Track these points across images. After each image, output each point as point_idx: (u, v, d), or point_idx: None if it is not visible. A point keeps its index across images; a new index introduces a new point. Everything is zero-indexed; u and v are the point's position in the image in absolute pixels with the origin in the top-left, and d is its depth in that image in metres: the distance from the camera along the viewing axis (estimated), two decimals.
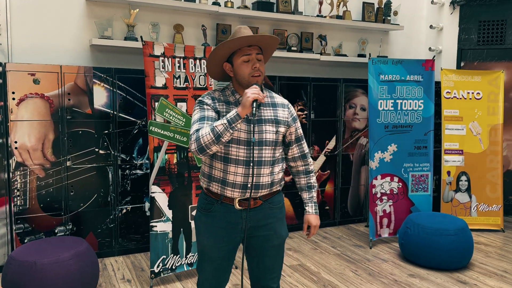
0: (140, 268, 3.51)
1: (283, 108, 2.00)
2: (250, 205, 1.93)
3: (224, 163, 1.90)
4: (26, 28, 3.67)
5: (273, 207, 1.99)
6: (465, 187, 4.57)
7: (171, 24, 4.17)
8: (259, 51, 1.93)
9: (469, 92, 4.58)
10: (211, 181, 1.95)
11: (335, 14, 4.84)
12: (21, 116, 3.35)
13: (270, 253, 2.00)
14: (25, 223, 3.43)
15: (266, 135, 1.91)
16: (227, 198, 1.93)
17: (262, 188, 1.92)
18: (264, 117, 1.93)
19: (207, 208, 1.97)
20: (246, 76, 1.90)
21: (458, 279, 3.34)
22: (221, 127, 1.76)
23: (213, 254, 1.97)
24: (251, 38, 1.87)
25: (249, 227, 1.95)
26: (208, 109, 1.91)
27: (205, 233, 1.97)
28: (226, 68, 1.97)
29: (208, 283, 2.03)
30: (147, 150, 3.78)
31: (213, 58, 1.94)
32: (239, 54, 1.90)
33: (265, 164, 1.91)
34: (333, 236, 4.38)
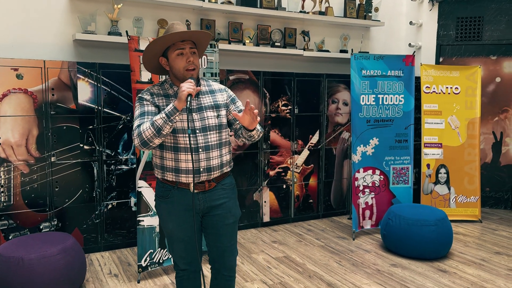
0: (127, 263, 3.52)
1: (221, 92, 2.15)
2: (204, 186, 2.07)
3: (174, 152, 2.02)
4: (8, 22, 3.62)
5: (226, 188, 2.14)
6: (444, 180, 4.70)
7: (155, 19, 4.17)
8: (193, 45, 2.05)
9: (448, 87, 4.71)
10: (165, 171, 2.06)
11: (318, 10, 4.90)
12: (4, 111, 3.31)
13: (226, 231, 2.13)
14: (10, 219, 3.40)
15: (209, 120, 2.05)
16: (182, 184, 2.05)
17: (213, 171, 2.06)
18: (204, 104, 2.07)
19: (164, 195, 2.09)
20: (181, 69, 2.02)
21: (438, 268, 3.45)
22: (160, 120, 1.87)
23: (180, 235, 2.10)
24: (183, 34, 1.98)
25: (206, 208, 2.10)
26: (147, 104, 2.02)
27: (167, 218, 2.10)
28: (162, 63, 2.08)
29: (183, 259, 2.16)
30: (132, 145, 3.78)
31: (148, 53, 2.04)
32: (173, 48, 2.01)
33: (213, 148, 2.04)
34: (317, 229, 4.46)
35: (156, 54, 2.07)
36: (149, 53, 2.05)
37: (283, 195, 4.59)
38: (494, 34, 5.09)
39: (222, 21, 4.50)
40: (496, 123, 5.20)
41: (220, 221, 2.12)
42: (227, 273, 2.19)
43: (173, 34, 1.96)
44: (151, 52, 2.04)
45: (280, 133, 4.50)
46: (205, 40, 2.11)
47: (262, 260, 3.60)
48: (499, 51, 5.10)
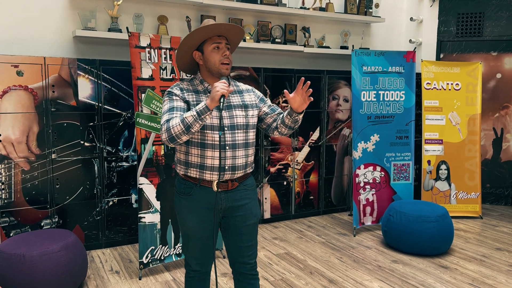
0: (128, 260, 3.52)
1: (249, 93, 2.16)
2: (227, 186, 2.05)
3: (201, 148, 2.00)
4: (8, 19, 3.61)
5: (248, 189, 2.13)
6: (444, 176, 4.70)
7: (155, 15, 4.15)
8: (227, 41, 2.07)
9: (449, 83, 4.70)
10: (189, 167, 2.04)
11: (318, 6, 4.89)
12: (4, 108, 3.31)
13: (247, 231, 2.12)
14: (11, 216, 3.40)
15: (237, 119, 2.05)
16: (205, 181, 2.04)
17: (238, 170, 2.04)
18: (233, 103, 2.07)
19: (186, 192, 2.07)
20: (216, 63, 2.02)
21: (439, 264, 3.46)
22: (191, 118, 1.86)
23: (198, 233, 2.08)
24: (222, 26, 1.99)
25: (227, 208, 2.08)
26: (177, 100, 2.01)
27: (187, 215, 2.07)
28: (196, 57, 2.06)
29: (196, 260, 2.14)
30: (133, 142, 3.78)
31: (184, 46, 2.03)
32: (210, 42, 2.02)
33: (239, 146, 2.03)
34: (317, 225, 4.46)
35: (191, 48, 2.05)
36: (184, 46, 2.03)
37: (283, 191, 4.59)
38: (495, 30, 5.08)
39: (222, 17, 4.49)
40: (496, 119, 5.20)
41: (242, 221, 2.11)
42: (249, 272, 2.17)
43: (214, 25, 1.96)
44: (187, 44, 2.02)
45: None
46: (239, 37, 2.11)
47: (263, 256, 3.61)
48: (500, 47, 5.09)
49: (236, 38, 2.12)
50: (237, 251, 2.14)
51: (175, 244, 3.34)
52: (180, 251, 3.37)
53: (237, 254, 2.14)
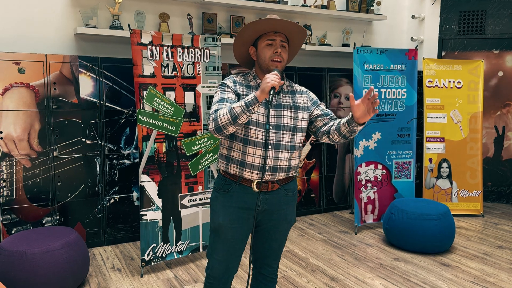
0: (130, 257, 3.52)
1: (302, 94, 2.07)
2: (267, 187, 1.96)
3: (243, 144, 1.94)
4: (10, 16, 3.60)
5: (289, 194, 2.04)
6: (446, 174, 4.70)
7: (156, 13, 4.15)
8: (285, 39, 1.98)
9: (450, 81, 4.69)
10: (230, 163, 1.98)
11: (320, 3, 4.88)
12: (6, 106, 3.30)
13: (278, 237, 2.08)
14: (12, 214, 3.40)
15: (284, 119, 1.96)
16: (245, 180, 1.96)
17: (279, 172, 1.96)
18: (283, 103, 1.99)
19: (225, 188, 2.00)
20: (266, 59, 1.95)
21: (441, 262, 3.46)
22: (239, 109, 1.79)
23: (228, 234, 2.00)
24: (276, 22, 1.91)
25: (264, 210, 2.00)
26: (228, 92, 1.96)
27: (221, 212, 2.00)
28: (251, 52, 2.03)
29: (219, 265, 2.05)
30: (134, 140, 3.77)
31: (238, 39, 2.00)
32: (264, 38, 1.96)
33: (283, 148, 1.95)
34: (319, 223, 4.46)
35: (247, 42, 2.02)
36: (239, 39, 2.00)
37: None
38: (497, 28, 5.07)
39: (224, 15, 4.48)
40: (498, 117, 5.19)
41: (274, 226, 2.05)
42: (269, 275, 2.14)
43: (267, 20, 1.90)
44: (242, 37, 1.99)
45: None
46: (299, 36, 2.01)
47: None
48: (502, 45, 5.08)
49: (297, 37, 2.02)
50: (263, 252, 2.10)
51: (176, 241, 3.34)
52: (181, 249, 3.37)
53: (263, 255, 2.10)
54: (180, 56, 3.28)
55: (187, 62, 3.32)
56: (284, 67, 2.01)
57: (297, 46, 2.08)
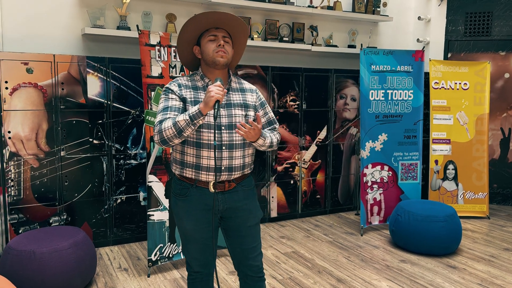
0: (136, 257, 3.53)
1: (251, 93, 2.08)
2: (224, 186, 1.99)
3: (196, 148, 1.94)
4: (18, 16, 3.62)
5: (246, 189, 2.05)
6: (452, 176, 4.69)
7: (163, 13, 4.15)
8: (227, 35, 1.99)
9: (457, 82, 4.68)
10: (184, 167, 1.98)
11: (326, 4, 4.87)
12: (14, 105, 3.32)
13: (249, 233, 2.06)
14: (20, 213, 3.42)
15: (235, 118, 1.97)
16: (201, 182, 1.97)
17: (234, 171, 1.97)
18: (233, 101, 1.99)
19: (182, 193, 2.01)
20: (210, 52, 1.94)
21: (448, 264, 3.45)
22: (183, 122, 1.81)
23: (197, 235, 2.02)
24: (214, 15, 1.90)
25: (226, 209, 2.01)
26: (173, 99, 1.94)
27: (184, 217, 2.01)
28: (196, 51, 2.01)
29: (197, 261, 2.08)
30: (141, 140, 3.78)
31: (181, 39, 1.99)
32: (206, 34, 1.97)
33: (236, 147, 1.96)
34: (324, 224, 4.45)
35: (190, 42, 2.01)
36: (182, 39, 1.99)
37: (290, 190, 4.58)
38: (503, 29, 5.06)
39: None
40: (504, 119, 5.18)
41: (242, 223, 2.05)
42: (255, 275, 2.11)
43: (203, 13, 1.90)
44: (183, 38, 1.98)
45: (288, 129, 4.49)
46: (241, 30, 2.00)
47: (271, 255, 3.61)
48: (508, 47, 5.07)
49: (239, 32, 2.01)
50: (241, 253, 2.08)
51: None
52: None
53: (242, 256, 2.09)
54: None
55: None
56: (232, 64, 2.04)
57: (242, 45, 2.08)
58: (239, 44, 2.08)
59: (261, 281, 2.15)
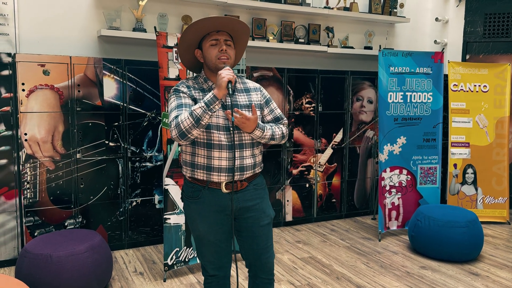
0: (152, 261, 3.49)
1: (256, 92, 2.08)
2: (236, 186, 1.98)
3: (207, 149, 1.93)
4: (34, 18, 3.61)
5: (258, 188, 2.05)
6: (471, 180, 4.59)
7: (179, 15, 4.12)
8: (229, 37, 1.98)
9: (476, 84, 4.59)
10: (195, 169, 1.97)
11: (342, 6, 4.81)
12: (30, 107, 3.30)
13: (261, 232, 2.05)
14: (35, 216, 3.40)
15: None
16: (213, 183, 1.96)
17: (246, 170, 1.97)
18: (239, 103, 1.99)
19: (194, 195, 2.00)
20: (213, 59, 1.94)
21: (469, 271, 3.36)
22: (200, 110, 1.80)
23: (211, 237, 2.01)
24: (217, 20, 1.90)
25: (239, 209, 2.00)
26: (184, 97, 1.94)
27: (197, 219, 2.00)
28: (198, 55, 2.01)
29: (212, 264, 2.07)
30: (156, 143, 3.75)
31: (182, 43, 1.98)
32: (208, 38, 1.95)
33: (246, 146, 1.97)
34: (340, 229, 4.38)
35: (191, 46, 2.00)
36: (183, 44, 1.98)
37: (306, 194, 4.52)
38: None
39: (246, 17, 4.44)
40: None
41: (255, 223, 2.03)
42: (265, 276, 2.10)
43: (204, 19, 1.88)
44: (185, 42, 1.97)
45: (304, 131, 4.43)
46: (243, 32, 2.01)
47: (288, 260, 3.55)
48: None
49: (240, 34, 2.01)
50: (253, 254, 2.07)
51: None
52: None
53: (254, 257, 2.07)
54: None
55: None
56: (233, 65, 2.01)
57: (243, 43, 2.08)
58: (241, 44, 2.07)
59: (270, 283, 2.13)
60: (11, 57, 3.23)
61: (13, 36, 3.52)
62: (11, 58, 3.23)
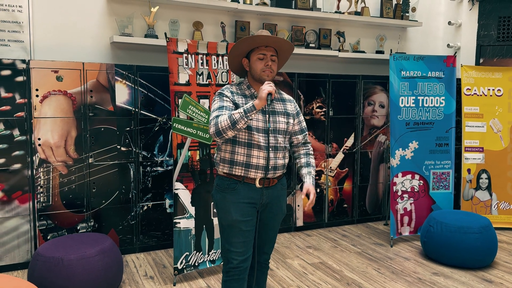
0: (162, 265, 3.51)
1: (290, 102, 2.37)
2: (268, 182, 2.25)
3: (247, 148, 2.18)
4: (48, 25, 3.68)
5: (283, 188, 2.36)
6: (485, 185, 4.52)
7: (190, 21, 4.16)
8: (274, 53, 2.24)
9: (490, 88, 4.53)
10: (234, 166, 2.21)
11: (354, 10, 4.80)
12: (44, 113, 3.36)
13: (274, 226, 2.36)
14: (48, 219, 3.45)
15: (280, 125, 2.25)
16: (249, 179, 2.21)
17: (278, 169, 2.25)
18: (277, 110, 2.28)
19: (231, 187, 2.22)
20: (258, 71, 2.21)
21: (483, 278, 3.30)
22: (238, 115, 2.05)
23: (243, 227, 2.21)
24: (268, 38, 2.17)
25: (265, 203, 2.26)
26: (227, 100, 2.19)
27: (232, 208, 2.21)
28: (244, 63, 2.28)
29: (239, 256, 2.23)
30: (167, 147, 3.78)
31: (233, 51, 2.24)
32: (256, 52, 2.21)
33: (280, 149, 2.24)
34: (352, 234, 4.35)
35: (240, 55, 2.25)
36: (234, 52, 2.23)
37: (316, 199, 4.50)
38: None
39: (257, 22, 4.46)
40: None
41: (273, 217, 2.32)
42: (263, 261, 2.41)
43: (260, 36, 2.15)
44: (236, 51, 2.22)
45: (314, 136, 4.42)
46: (288, 50, 2.27)
47: (298, 265, 3.53)
48: None
49: (285, 50, 2.27)
50: (260, 242, 2.34)
51: (209, 250, 3.31)
52: (214, 258, 3.33)
53: (260, 244, 2.35)
54: (215, 64, 3.27)
55: (221, 70, 3.30)
56: (274, 77, 2.28)
57: (286, 58, 2.35)
58: (283, 59, 2.35)
59: (267, 268, 2.46)
60: (25, 64, 3.30)
61: (28, 43, 3.59)
62: (25, 65, 3.30)
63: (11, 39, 3.55)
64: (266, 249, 2.40)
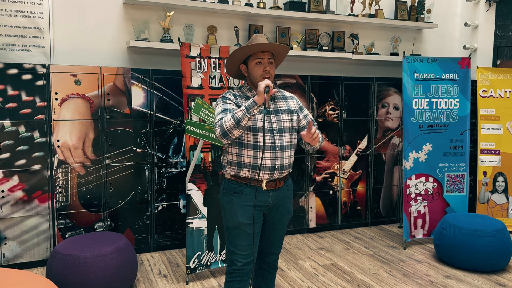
0: (176, 264, 3.58)
1: (292, 99, 2.40)
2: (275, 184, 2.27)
3: (253, 150, 2.20)
4: (67, 31, 3.81)
5: (289, 189, 2.37)
6: (502, 188, 4.46)
7: (204, 26, 4.24)
8: (271, 56, 2.29)
9: (506, 90, 4.47)
10: (241, 168, 2.23)
11: (367, 12, 4.81)
12: (63, 115, 3.48)
13: (281, 227, 2.37)
14: (66, 218, 3.57)
15: (284, 123, 2.27)
16: (255, 181, 2.22)
17: (284, 169, 2.27)
18: (280, 108, 2.30)
19: (238, 190, 2.24)
20: (257, 77, 2.25)
21: (497, 282, 3.27)
22: (240, 113, 2.07)
23: (249, 230, 2.23)
24: (264, 46, 2.22)
25: (273, 205, 2.29)
26: (230, 103, 2.23)
27: (239, 210, 2.23)
28: (242, 69, 2.33)
29: (243, 258, 2.25)
30: (181, 149, 3.86)
31: (231, 59, 2.30)
32: (253, 57, 2.26)
33: (286, 148, 2.25)
34: (365, 237, 4.35)
35: (238, 61, 2.31)
36: (232, 59, 2.29)
37: (329, 201, 4.52)
38: None
39: (270, 26, 4.51)
40: None
41: (280, 219, 2.34)
42: (273, 263, 2.42)
43: (256, 45, 2.20)
44: (234, 58, 2.28)
45: (327, 138, 4.44)
46: (283, 52, 2.33)
47: (309, 267, 3.56)
48: None
49: (281, 53, 2.32)
50: (268, 243, 2.37)
51: (221, 250, 3.37)
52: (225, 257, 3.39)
53: (267, 245, 2.37)
54: None
55: None
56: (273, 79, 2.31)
57: (282, 59, 2.39)
58: (279, 60, 2.40)
59: (275, 269, 2.46)
60: (45, 68, 3.43)
61: (48, 48, 3.73)
62: (45, 69, 3.43)
63: (32, 44, 3.69)
64: (274, 250, 2.41)
